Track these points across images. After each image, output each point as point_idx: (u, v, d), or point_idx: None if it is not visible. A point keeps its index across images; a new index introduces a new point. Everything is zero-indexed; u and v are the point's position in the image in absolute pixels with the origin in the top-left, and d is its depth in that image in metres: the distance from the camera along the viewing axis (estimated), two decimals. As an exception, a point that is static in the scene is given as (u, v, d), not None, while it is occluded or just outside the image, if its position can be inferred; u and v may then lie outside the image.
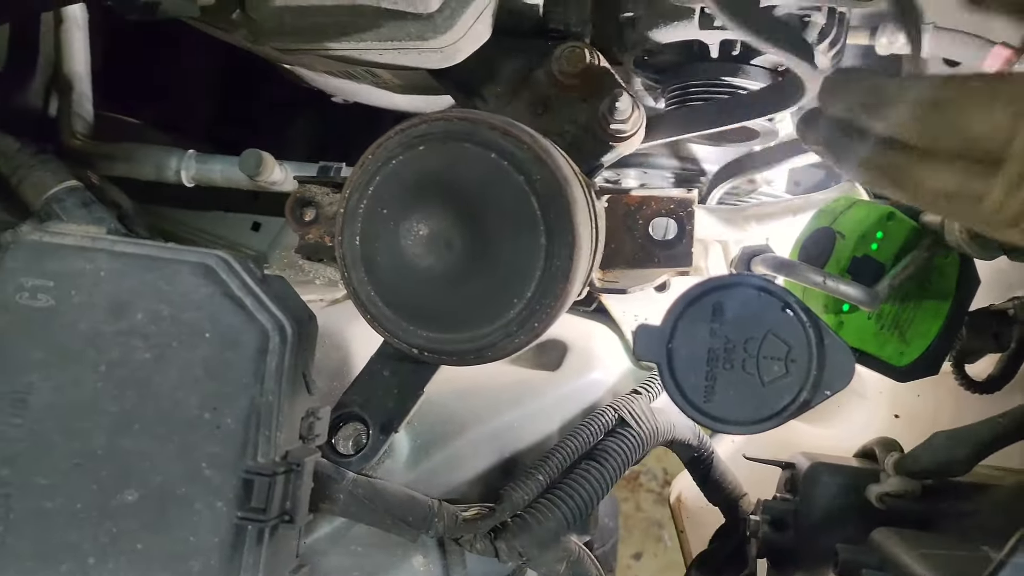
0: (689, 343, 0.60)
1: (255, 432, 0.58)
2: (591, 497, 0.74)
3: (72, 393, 0.58)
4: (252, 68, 1.59)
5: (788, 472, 0.78)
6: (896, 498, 0.66)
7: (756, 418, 0.59)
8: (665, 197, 0.83)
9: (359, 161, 0.70)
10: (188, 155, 1.08)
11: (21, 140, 0.80)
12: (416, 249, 0.68)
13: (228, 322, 0.58)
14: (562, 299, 0.67)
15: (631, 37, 0.91)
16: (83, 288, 0.58)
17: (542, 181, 0.65)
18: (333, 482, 0.73)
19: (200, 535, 0.57)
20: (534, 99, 0.87)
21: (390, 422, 0.78)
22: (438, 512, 0.74)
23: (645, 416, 0.82)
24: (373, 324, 0.70)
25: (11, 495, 0.57)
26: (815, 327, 0.59)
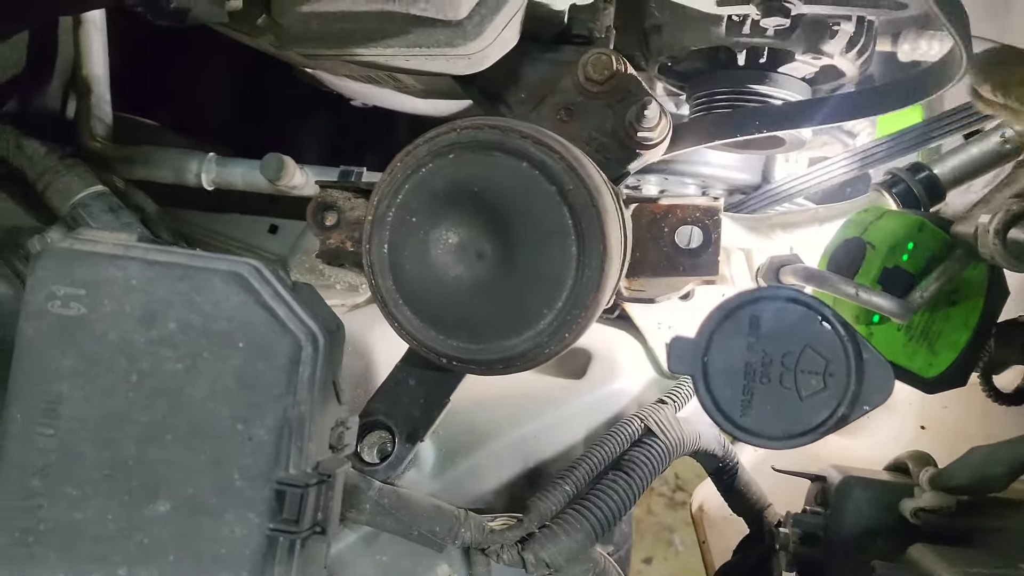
0: (725, 356, 0.60)
1: (287, 443, 0.58)
2: (619, 508, 0.74)
3: (103, 403, 0.57)
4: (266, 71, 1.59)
5: (818, 485, 0.77)
6: (931, 513, 0.65)
7: (793, 433, 0.59)
8: (691, 205, 0.82)
9: (387, 168, 0.70)
10: (208, 158, 1.07)
11: (47, 144, 0.80)
12: (445, 258, 0.68)
13: (260, 332, 0.58)
14: (593, 309, 0.66)
15: (656, 44, 0.91)
16: (115, 297, 0.58)
17: (574, 191, 0.65)
18: (360, 491, 0.72)
19: (231, 547, 0.57)
20: (559, 106, 0.86)
21: (416, 431, 0.77)
22: (464, 522, 0.73)
23: (671, 426, 0.81)
24: (401, 333, 0.70)
25: (42, 506, 0.57)
26: (853, 341, 0.58)
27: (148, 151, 1.08)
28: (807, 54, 0.85)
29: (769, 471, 0.91)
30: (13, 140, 0.78)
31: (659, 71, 0.94)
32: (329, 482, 0.60)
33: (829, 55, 0.85)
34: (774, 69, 0.88)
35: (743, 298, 0.60)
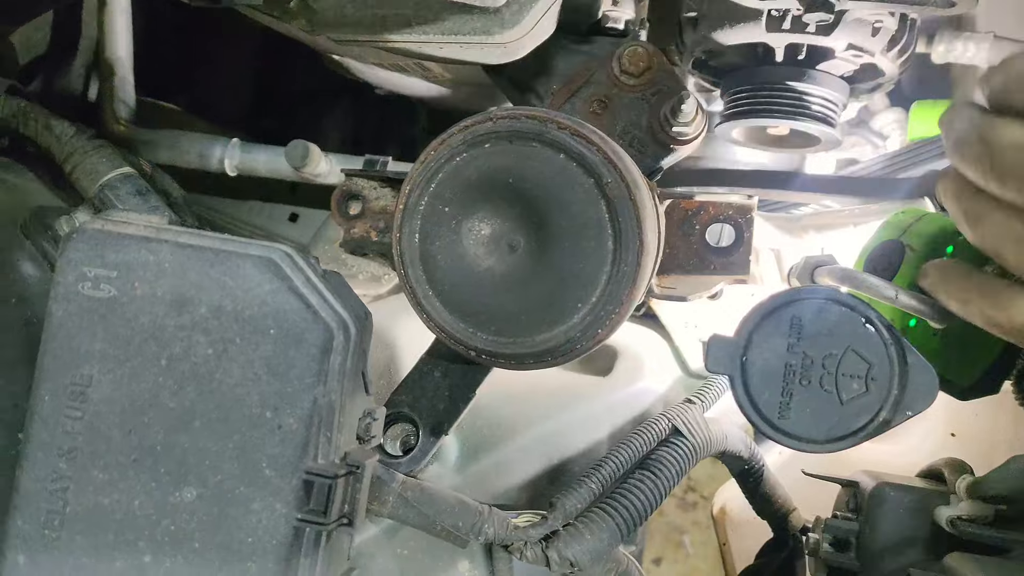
0: (765, 357, 0.58)
1: (316, 433, 0.57)
2: (645, 508, 0.73)
3: (132, 387, 0.56)
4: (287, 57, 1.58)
5: (850, 491, 0.76)
6: (968, 523, 0.64)
7: (832, 437, 0.58)
8: (724, 203, 0.81)
9: (420, 156, 0.69)
10: (232, 144, 1.06)
11: (76, 124, 0.79)
12: (477, 249, 0.67)
13: (292, 319, 0.57)
14: (627, 305, 0.65)
15: (692, 37, 0.89)
16: (146, 280, 0.57)
17: (612, 184, 0.64)
18: (383, 483, 0.71)
19: (258, 536, 0.56)
20: (592, 98, 0.85)
21: (440, 424, 0.76)
22: (488, 518, 0.72)
23: (699, 426, 0.80)
24: (429, 324, 0.69)
25: (68, 488, 0.56)
26: (897, 345, 0.57)
27: (171, 135, 1.08)
28: (848, 51, 0.84)
29: (792, 475, 0.90)
30: (42, 120, 0.77)
31: (693, 66, 0.92)
32: (357, 474, 0.59)
33: (870, 53, 0.83)
34: (813, 66, 0.86)
35: (784, 298, 0.59)
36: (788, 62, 0.86)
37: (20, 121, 0.78)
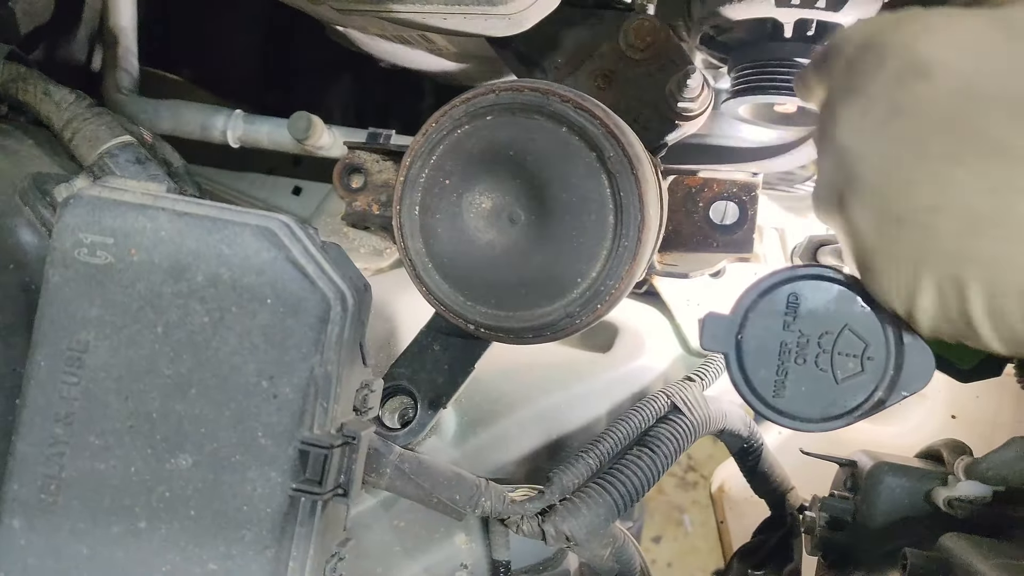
0: (760, 335, 0.58)
1: (313, 403, 0.57)
2: (642, 484, 0.73)
3: (128, 354, 0.56)
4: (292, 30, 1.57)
5: (848, 470, 0.76)
6: (966, 503, 0.64)
7: (827, 416, 0.57)
8: (728, 180, 0.80)
9: (422, 128, 0.68)
10: (235, 115, 1.06)
11: (75, 91, 0.78)
12: (478, 222, 0.67)
13: (290, 289, 0.56)
14: (627, 280, 0.65)
15: (699, 12, 0.88)
16: (143, 247, 0.56)
17: (614, 158, 0.63)
18: (380, 455, 0.71)
19: (253, 504, 0.56)
20: (597, 72, 0.84)
21: (439, 398, 0.76)
22: (485, 491, 0.72)
23: (698, 404, 0.80)
24: (429, 298, 0.68)
25: (64, 453, 0.56)
26: (895, 325, 0.56)
27: (174, 105, 1.07)
28: (856, 28, 0.82)
29: (791, 454, 0.90)
30: (41, 86, 0.77)
31: (701, 41, 0.91)
32: (353, 444, 0.59)
33: (879, 30, 0.82)
34: (823, 43, 0.85)
35: (781, 276, 0.58)
36: (797, 38, 0.84)
37: (19, 87, 0.77)
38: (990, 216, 0.45)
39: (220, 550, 0.56)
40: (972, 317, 0.48)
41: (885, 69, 0.49)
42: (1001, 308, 0.47)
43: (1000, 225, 0.45)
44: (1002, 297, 0.46)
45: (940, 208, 0.47)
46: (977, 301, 0.47)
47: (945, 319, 0.50)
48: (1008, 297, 0.46)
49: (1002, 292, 0.46)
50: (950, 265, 0.47)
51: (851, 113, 0.51)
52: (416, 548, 0.76)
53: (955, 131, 0.46)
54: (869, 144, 0.49)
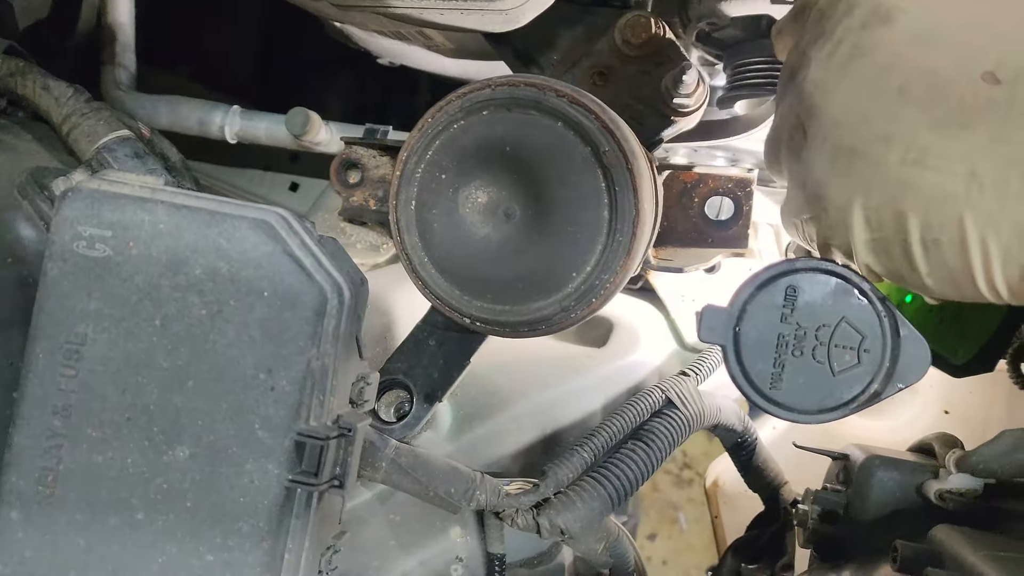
0: (758, 327, 0.58)
1: (309, 395, 0.57)
2: (636, 478, 0.73)
3: (126, 346, 0.57)
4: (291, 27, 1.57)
5: (840, 463, 0.76)
6: (957, 496, 0.64)
7: (823, 408, 0.58)
8: (723, 175, 0.81)
9: (418, 124, 0.68)
10: (233, 111, 1.06)
11: (74, 86, 0.78)
12: (473, 217, 0.67)
13: (287, 282, 0.57)
14: (622, 275, 0.65)
15: (696, 9, 0.88)
16: (141, 240, 0.57)
17: (609, 153, 0.63)
18: (376, 449, 0.71)
19: (250, 496, 0.57)
20: (593, 69, 0.84)
21: (434, 392, 0.77)
22: (480, 484, 0.73)
23: (693, 398, 0.80)
24: (425, 292, 0.69)
25: (62, 446, 0.56)
26: (891, 317, 0.57)
27: (172, 100, 1.07)
28: (851, 25, 0.83)
29: (785, 449, 0.90)
30: (40, 81, 0.77)
31: (697, 38, 0.92)
32: (349, 436, 0.60)
33: (874, 27, 0.82)
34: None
35: (779, 268, 0.59)
36: (791, 35, 0.85)
37: (18, 81, 0.77)
38: (931, 149, 0.49)
39: (217, 541, 0.56)
40: (910, 250, 0.51)
41: (851, 16, 0.54)
42: (936, 241, 0.49)
43: (939, 157, 0.48)
44: (937, 230, 0.49)
45: (889, 139, 0.50)
46: (915, 233, 0.50)
47: (885, 252, 0.53)
48: (943, 230, 0.49)
49: (937, 224, 0.49)
50: (892, 195, 0.50)
51: (820, 54, 0.55)
52: (412, 542, 0.76)
53: (907, 70, 0.51)
54: (833, 80, 0.54)
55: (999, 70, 0.48)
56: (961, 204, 0.48)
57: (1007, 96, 0.47)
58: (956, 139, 0.48)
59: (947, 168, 0.48)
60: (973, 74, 0.48)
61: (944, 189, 0.48)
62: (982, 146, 0.47)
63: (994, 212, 0.47)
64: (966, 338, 0.80)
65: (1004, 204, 0.47)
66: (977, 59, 0.49)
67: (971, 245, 0.48)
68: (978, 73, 0.48)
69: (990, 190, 0.47)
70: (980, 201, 0.47)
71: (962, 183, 0.48)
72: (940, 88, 0.49)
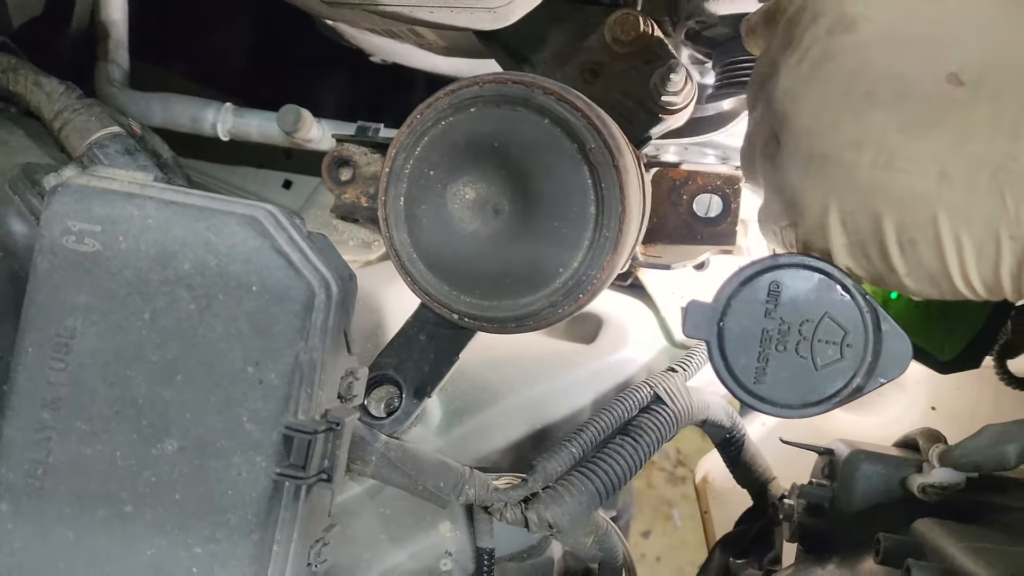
0: (742, 322, 0.59)
1: (297, 389, 0.58)
2: (624, 473, 0.74)
3: (115, 340, 0.57)
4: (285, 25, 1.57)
5: (826, 458, 0.77)
6: (940, 490, 0.65)
7: (807, 402, 0.58)
8: (712, 173, 0.81)
9: (407, 120, 0.69)
10: (225, 108, 1.06)
11: (65, 83, 0.79)
12: (462, 213, 0.67)
13: (275, 277, 0.57)
14: (609, 270, 0.66)
15: (685, 7, 0.89)
16: (130, 235, 0.57)
17: (595, 150, 0.64)
18: (366, 443, 0.72)
19: (238, 489, 0.57)
20: (583, 66, 0.85)
21: (424, 387, 0.77)
22: (469, 479, 0.73)
23: (681, 394, 0.81)
24: (414, 287, 0.69)
25: (51, 438, 0.57)
26: (873, 313, 0.58)
27: (165, 97, 1.07)
28: (839, 24, 0.83)
29: (773, 445, 0.91)
30: (31, 77, 0.77)
31: (686, 36, 0.92)
32: (337, 430, 0.60)
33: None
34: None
35: (763, 264, 0.59)
36: (780, 33, 0.85)
37: (10, 77, 0.78)
38: (900, 151, 0.49)
39: (205, 534, 0.57)
40: (887, 251, 0.52)
41: (817, 24, 0.55)
42: (912, 241, 0.50)
43: (909, 159, 0.49)
44: (912, 229, 0.50)
45: (859, 144, 0.51)
46: (891, 235, 0.51)
47: (863, 254, 0.53)
48: (917, 230, 0.50)
49: (912, 224, 0.50)
50: (866, 199, 0.51)
51: (789, 61, 0.56)
52: (401, 535, 0.77)
53: (874, 74, 0.51)
54: (802, 87, 0.54)
55: (962, 72, 0.49)
56: (933, 203, 0.49)
57: (970, 96, 0.48)
58: (924, 140, 0.49)
59: (917, 169, 0.49)
60: (938, 76, 0.49)
61: (915, 190, 0.49)
62: (950, 145, 0.48)
63: (965, 209, 0.48)
64: (952, 334, 0.80)
65: (974, 201, 0.48)
66: (941, 61, 0.50)
67: (945, 243, 0.49)
68: (943, 75, 0.49)
69: (960, 188, 0.48)
70: (951, 199, 0.48)
71: (933, 183, 0.48)
72: (907, 91, 0.50)
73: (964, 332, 0.79)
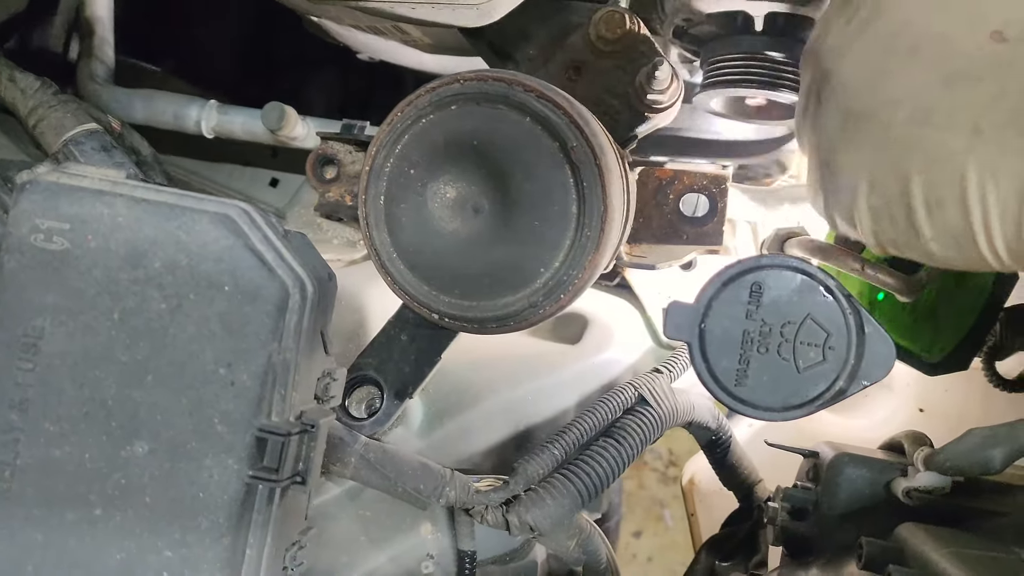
0: (723, 324, 0.58)
1: (270, 390, 0.56)
2: (607, 475, 0.73)
3: (84, 340, 0.56)
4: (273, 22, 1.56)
5: (811, 461, 0.76)
6: (924, 494, 0.64)
7: (788, 405, 0.58)
8: (698, 172, 0.81)
9: (387, 118, 0.68)
10: (209, 105, 1.05)
11: (41, 78, 0.78)
12: (442, 212, 0.66)
13: (248, 276, 0.56)
14: (590, 270, 0.65)
15: (672, 4, 0.88)
16: (100, 233, 0.56)
17: (577, 148, 0.63)
18: (345, 445, 0.71)
19: (210, 492, 0.56)
20: (568, 64, 0.84)
21: (405, 388, 0.76)
22: (450, 481, 0.72)
23: (665, 396, 0.80)
24: (394, 287, 0.68)
25: (19, 440, 0.56)
26: (856, 314, 0.57)
27: (149, 94, 1.06)
28: (826, 22, 0.82)
29: (760, 447, 0.90)
30: (6, 72, 0.76)
31: (674, 34, 0.91)
32: (312, 432, 0.59)
33: (849, 24, 0.82)
34: (793, 36, 0.85)
35: (745, 265, 0.58)
36: (768, 31, 0.84)
37: (-16, 73, 0.77)
38: (937, 107, 0.49)
39: (176, 537, 0.56)
40: (914, 213, 0.51)
41: None
42: (940, 200, 0.50)
43: (945, 114, 0.49)
44: (940, 188, 0.49)
45: (897, 101, 0.51)
46: (918, 195, 0.50)
47: (888, 217, 0.53)
48: (945, 189, 0.49)
49: (940, 183, 0.49)
50: (898, 157, 0.51)
51: (840, 20, 0.56)
52: (382, 538, 0.76)
53: (918, 32, 0.51)
54: (848, 44, 0.55)
55: (1006, 28, 0.48)
56: (964, 160, 0.48)
57: (1011, 52, 0.48)
58: (962, 95, 0.49)
59: (952, 124, 0.49)
60: (982, 34, 0.49)
61: (947, 146, 0.49)
62: (986, 101, 0.48)
63: (994, 166, 0.47)
64: (940, 336, 0.80)
65: (1003, 158, 0.47)
66: (985, 19, 0.49)
67: (971, 201, 0.48)
68: (986, 32, 0.49)
69: (991, 144, 0.47)
70: (981, 156, 0.48)
71: (965, 139, 0.48)
72: (950, 48, 0.50)
73: (952, 334, 0.79)
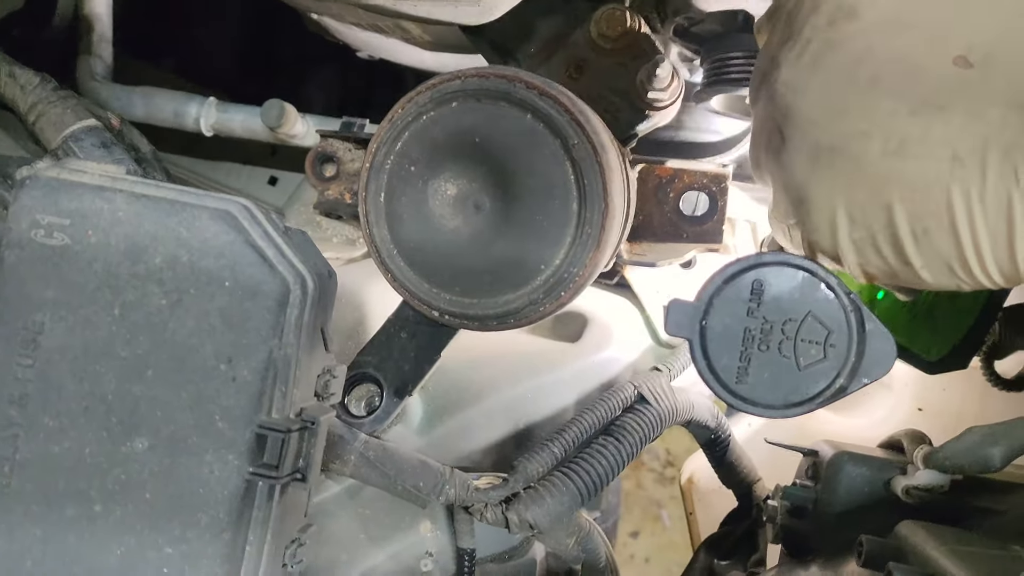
0: (724, 321, 0.58)
1: (271, 386, 0.56)
2: (606, 473, 0.73)
3: (84, 335, 0.56)
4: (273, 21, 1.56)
5: (810, 459, 0.76)
6: (924, 492, 0.64)
7: (789, 402, 0.57)
8: (698, 171, 0.80)
9: (388, 115, 0.68)
10: (208, 102, 1.05)
11: (41, 74, 0.77)
12: (443, 209, 0.66)
13: (248, 272, 0.56)
14: (591, 268, 0.65)
15: (673, 3, 0.88)
16: (100, 228, 0.56)
17: (578, 146, 0.63)
18: (345, 442, 0.71)
19: (209, 488, 0.56)
20: (569, 62, 0.84)
21: (405, 385, 0.76)
22: (449, 479, 0.72)
23: (665, 394, 0.80)
24: (394, 284, 0.68)
25: (19, 435, 0.56)
26: (857, 312, 0.57)
27: (147, 92, 1.06)
28: (827, 21, 0.82)
29: (759, 446, 0.90)
30: (5, 68, 0.76)
31: (674, 33, 0.91)
32: (312, 429, 0.59)
33: (849, 23, 0.82)
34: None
35: (747, 262, 0.58)
36: (768, 30, 0.85)
37: (-18, 69, 0.77)
38: (911, 137, 0.48)
39: (176, 533, 0.56)
40: (900, 242, 0.50)
41: (818, 14, 0.53)
42: (926, 229, 0.49)
43: (920, 143, 0.48)
44: (926, 217, 0.49)
45: (868, 133, 0.49)
46: (903, 224, 0.49)
47: (874, 248, 0.52)
48: (931, 218, 0.48)
49: (925, 212, 0.49)
50: (877, 189, 0.50)
51: (790, 55, 0.54)
52: (381, 536, 0.76)
53: (878, 60, 0.50)
54: (804, 79, 0.53)
55: (970, 53, 0.47)
56: (947, 188, 0.47)
57: (980, 77, 0.47)
58: (936, 123, 0.48)
59: (929, 154, 0.48)
60: (945, 58, 0.48)
61: (928, 176, 0.48)
62: (961, 128, 0.47)
63: (979, 191, 0.47)
64: (939, 335, 0.80)
65: (987, 183, 0.46)
66: (947, 44, 0.48)
67: (960, 228, 0.48)
68: (950, 57, 0.48)
69: (973, 170, 0.47)
70: (964, 182, 0.47)
71: (946, 167, 0.47)
72: (913, 75, 0.49)
73: (951, 333, 0.79)
